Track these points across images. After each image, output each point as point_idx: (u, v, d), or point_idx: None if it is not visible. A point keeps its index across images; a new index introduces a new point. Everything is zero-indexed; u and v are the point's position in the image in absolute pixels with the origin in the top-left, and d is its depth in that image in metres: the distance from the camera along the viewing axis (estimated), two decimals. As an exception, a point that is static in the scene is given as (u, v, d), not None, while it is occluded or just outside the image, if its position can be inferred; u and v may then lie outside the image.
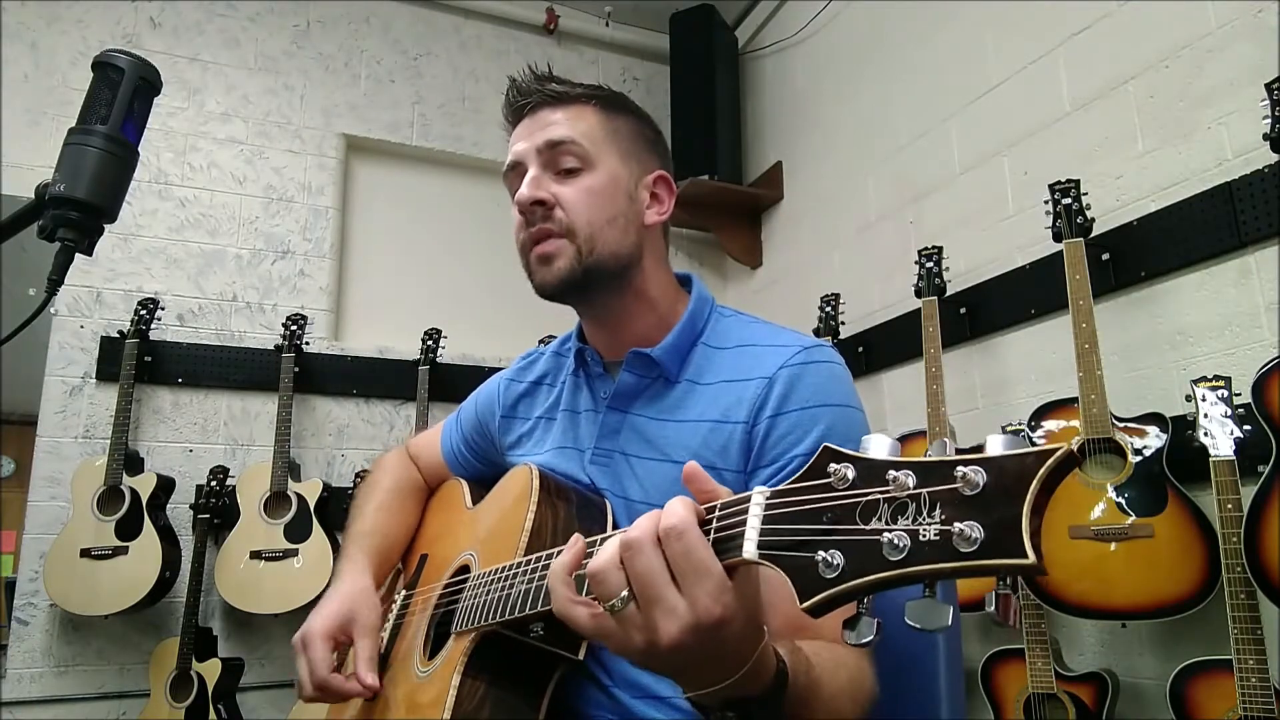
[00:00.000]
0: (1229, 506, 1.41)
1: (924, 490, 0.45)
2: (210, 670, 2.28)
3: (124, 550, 2.28)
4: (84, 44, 2.67)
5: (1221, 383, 1.47)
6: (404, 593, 1.11)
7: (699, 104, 3.12)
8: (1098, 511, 1.61)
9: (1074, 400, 1.68)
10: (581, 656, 0.84)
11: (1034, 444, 1.69)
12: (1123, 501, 1.59)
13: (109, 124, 0.80)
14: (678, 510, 0.55)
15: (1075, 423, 1.66)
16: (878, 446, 0.49)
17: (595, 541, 0.66)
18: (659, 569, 0.55)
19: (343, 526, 2.55)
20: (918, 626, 0.47)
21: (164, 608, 2.43)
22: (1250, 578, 1.36)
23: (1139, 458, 1.60)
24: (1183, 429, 1.56)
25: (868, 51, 2.75)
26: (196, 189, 2.75)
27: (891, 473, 0.47)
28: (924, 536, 0.44)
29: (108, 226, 0.81)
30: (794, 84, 3.13)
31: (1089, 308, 1.67)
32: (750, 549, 0.52)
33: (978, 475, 0.43)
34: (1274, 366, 1.43)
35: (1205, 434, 1.45)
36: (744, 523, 0.54)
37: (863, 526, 0.47)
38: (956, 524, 0.43)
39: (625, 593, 0.56)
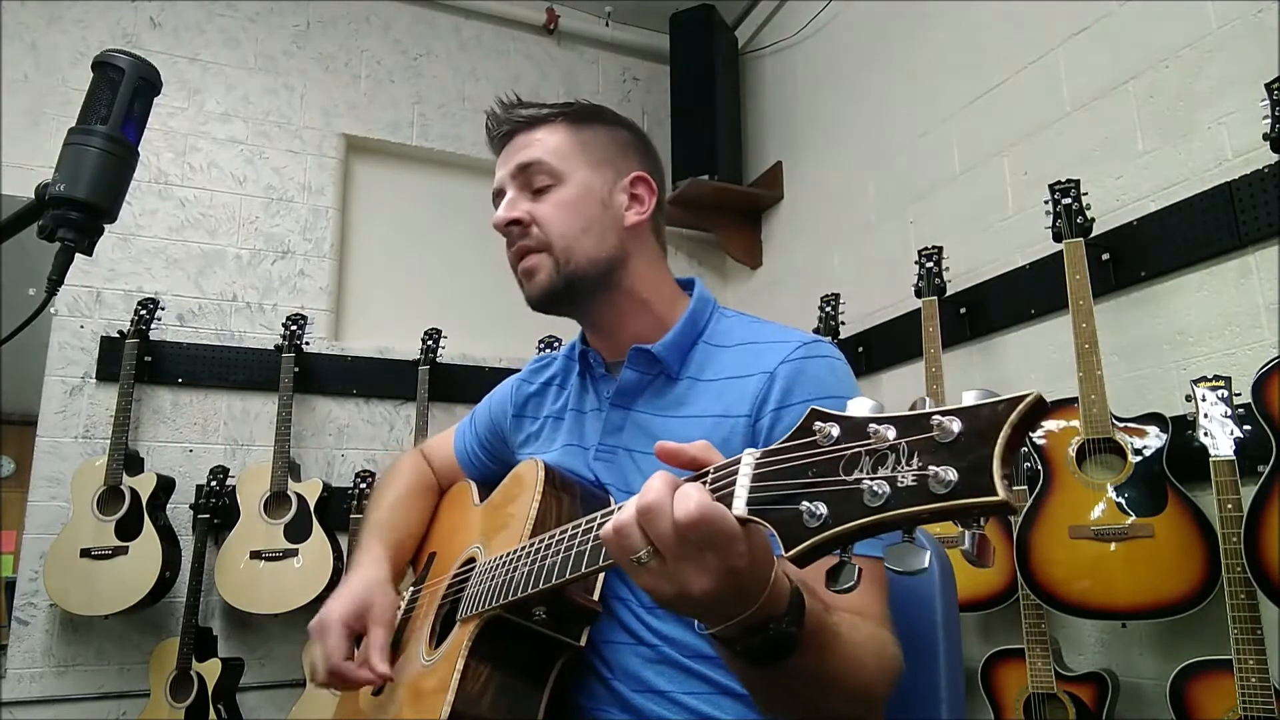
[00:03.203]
0: (1229, 506, 1.41)
1: (903, 441, 0.47)
2: (210, 670, 2.28)
3: (124, 550, 2.28)
4: (84, 44, 2.67)
5: (1221, 383, 1.47)
6: (412, 589, 1.12)
7: (699, 104, 3.12)
8: (1098, 511, 1.61)
9: (1074, 400, 1.68)
10: (583, 643, 0.86)
11: (1034, 444, 1.67)
12: (1123, 501, 1.59)
13: (109, 124, 0.80)
14: (691, 496, 0.57)
15: (1075, 423, 1.66)
16: (860, 406, 0.52)
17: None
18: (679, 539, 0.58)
19: (343, 527, 2.58)
20: (897, 569, 0.49)
21: (164, 608, 2.43)
22: (1250, 578, 1.36)
23: (1139, 458, 1.60)
24: (1183, 429, 1.56)
25: (868, 51, 2.75)
26: (196, 189, 2.75)
27: (873, 426, 0.48)
28: (902, 483, 0.46)
29: (108, 226, 0.81)
30: (794, 84, 3.13)
31: (1089, 308, 1.67)
32: (740, 506, 0.55)
33: (953, 423, 0.45)
34: (1274, 366, 1.43)
35: (1205, 434, 1.45)
36: (734, 482, 0.56)
37: (845, 478, 0.49)
38: (932, 468, 0.45)
39: (648, 549, 0.59)
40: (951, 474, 0.44)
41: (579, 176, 1.01)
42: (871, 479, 0.47)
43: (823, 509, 0.49)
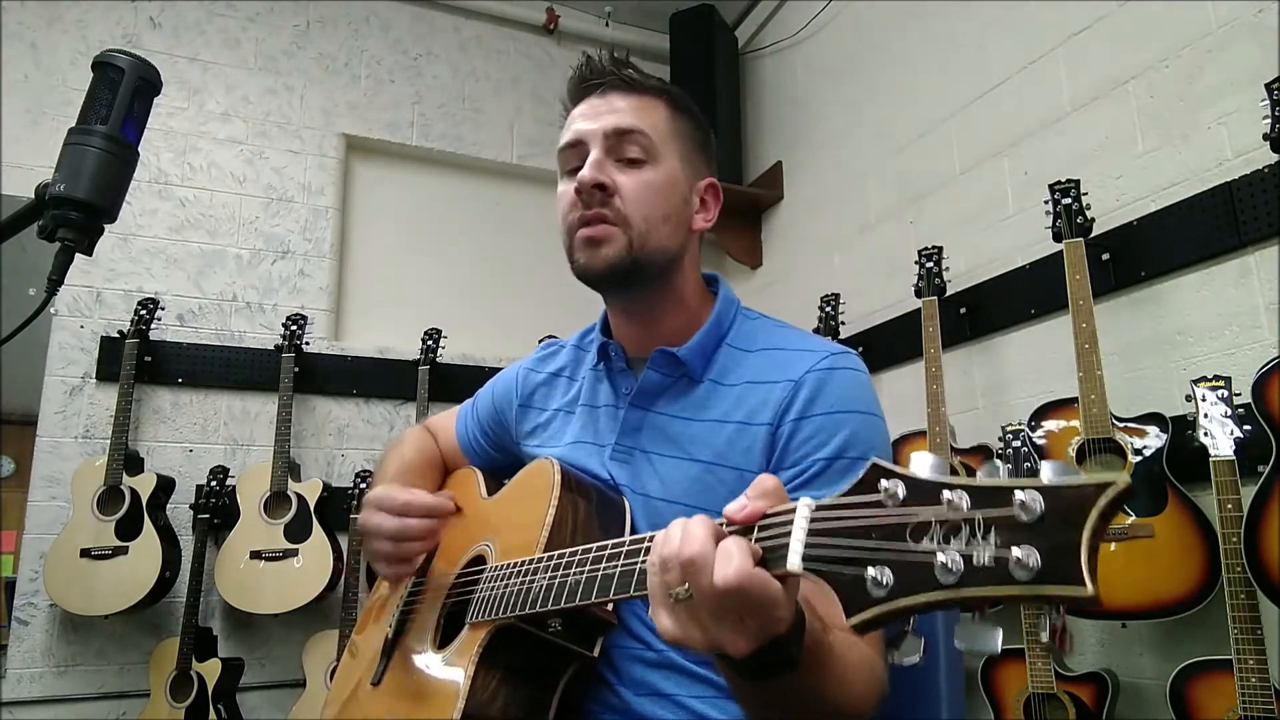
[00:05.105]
0: (1229, 506, 1.41)
1: (978, 514, 0.44)
2: (210, 670, 2.28)
3: (124, 550, 2.28)
4: (84, 44, 2.67)
5: (1221, 383, 1.47)
6: (413, 579, 1.10)
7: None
8: (1098, 511, 1.61)
9: (1074, 400, 1.68)
10: (596, 653, 0.85)
11: (1034, 444, 1.67)
12: (1123, 501, 1.59)
13: (109, 124, 0.80)
14: (733, 559, 0.54)
15: (1075, 423, 1.66)
16: (926, 465, 0.48)
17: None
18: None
19: (343, 527, 2.57)
20: (965, 648, 0.46)
21: (164, 608, 2.43)
22: (1250, 578, 1.36)
23: (1139, 458, 1.60)
24: (1183, 429, 1.56)
25: (868, 51, 2.74)
26: (196, 189, 2.75)
27: (945, 494, 0.45)
28: (978, 560, 0.43)
29: (108, 226, 0.81)
30: (794, 84, 3.13)
31: (1089, 308, 1.67)
32: (795, 561, 0.52)
33: (1036, 503, 0.42)
34: (1274, 366, 1.43)
35: (1205, 434, 1.45)
36: (788, 534, 0.53)
37: (913, 546, 0.46)
38: (1014, 549, 0.41)
39: (685, 587, 0.56)
40: (1035, 559, 0.41)
41: (671, 164, 0.98)
42: (944, 552, 0.44)
43: (889, 577, 0.46)
